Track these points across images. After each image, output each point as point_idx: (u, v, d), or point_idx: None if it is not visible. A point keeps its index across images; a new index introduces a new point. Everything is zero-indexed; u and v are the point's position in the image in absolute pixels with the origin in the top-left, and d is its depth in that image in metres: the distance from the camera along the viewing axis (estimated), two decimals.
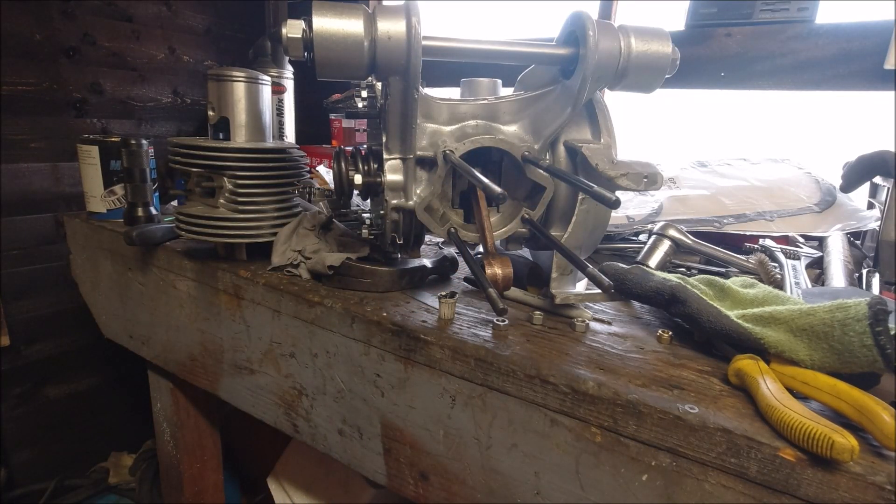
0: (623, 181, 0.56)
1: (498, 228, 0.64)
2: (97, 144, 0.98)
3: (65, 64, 1.49)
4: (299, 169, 0.80)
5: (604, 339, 0.58)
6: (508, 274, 0.57)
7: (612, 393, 0.46)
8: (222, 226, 0.75)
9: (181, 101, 1.79)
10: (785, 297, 0.56)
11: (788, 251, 0.81)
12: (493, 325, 0.60)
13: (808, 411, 0.40)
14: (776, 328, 0.48)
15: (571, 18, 0.59)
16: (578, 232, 0.63)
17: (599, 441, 0.48)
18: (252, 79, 0.75)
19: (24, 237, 1.48)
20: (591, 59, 0.55)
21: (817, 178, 1.03)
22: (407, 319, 0.60)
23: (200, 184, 0.76)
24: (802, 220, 0.94)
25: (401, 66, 0.54)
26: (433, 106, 0.63)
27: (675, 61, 0.59)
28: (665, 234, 0.80)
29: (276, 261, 0.74)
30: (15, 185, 1.43)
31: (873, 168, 0.78)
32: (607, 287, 0.51)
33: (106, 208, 1.02)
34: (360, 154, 0.65)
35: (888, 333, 0.41)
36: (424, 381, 0.58)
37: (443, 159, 0.60)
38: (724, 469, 0.42)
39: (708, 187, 1.04)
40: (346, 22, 0.52)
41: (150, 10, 1.65)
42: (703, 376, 0.50)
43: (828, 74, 1.06)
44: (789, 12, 1.07)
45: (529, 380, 0.50)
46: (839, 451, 0.35)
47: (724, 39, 1.15)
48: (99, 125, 1.59)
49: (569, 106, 0.59)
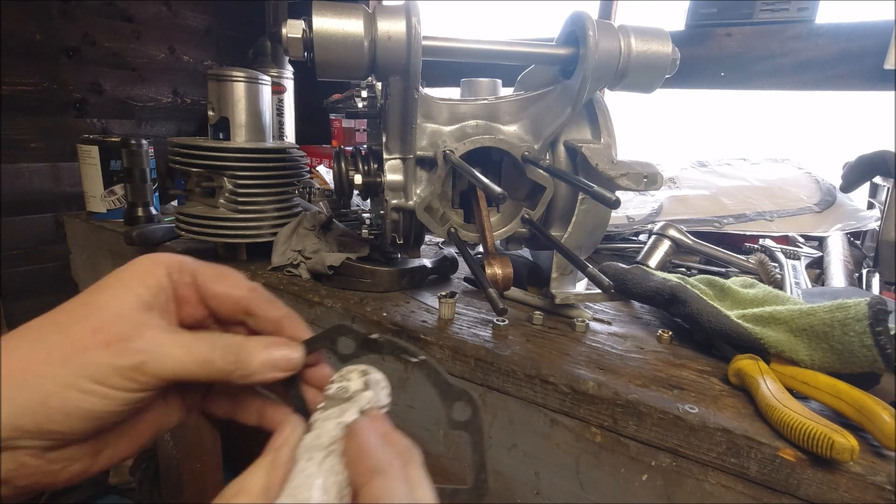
0: (623, 181, 0.56)
1: (498, 228, 0.64)
2: (97, 144, 0.98)
3: (65, 64, 1.49)
4: (299, 169, 0.80)
5: (604, 339, 0.58)
6: (508, 274, 0.57)
7: (612, 393, 0.46)
8: (222, 226, 0.75)
9: (181, 101, 1.79)
10: (785, 297, 0.56)
11: (788, 251, 0.81)
12: (493, 325, 0.60)
13: (808, 411, 0.39)
14: (776, 328, 0.48)
15: (571, 18, 0.59)
16: (578, 232, 0.63)
17: (599, 441, 0.48)
18: (252, 79, 0.75)
19: (24, 237, 1.48)
20: (591, 59, 0.55)
21: (817, 178, 1.03)
22: (407, 319, 0.60)
23: (200, 184, 0.76)
24: (802, 220, 0.94)
25: (401, 66, 0.54)
26: (433, 106, 0.63)
27: (675, 61, 0.59)
28: (665, 234, 0.80)
29: (276, 261, 0.74)
30: (15, 185, 1.43)
31: (873, 168, 0.78)
32: (607, 287, 0.51)
33: (106, 208, 1.02)
34: (360, 154, 0.65)
35: (888, 333, 0.41)
36: (424, 381, 0.58)
37: (443, 159, 0.60)
38: (724, 469, 0.42)
39: (708, 187, 1.04)
40: (346, 22, 0.52)
41: (150, 10, 1.65)
42: (703, 376, 0.50)
43: (828, 74, 1.06)
44: (789, 12, 1.07)
45: (529, 380, 0.50)
46: (839, 451, 0.35)
47: (724, 39, 1.15)
48: (99, 125, 1.59)
49: (569, 106, 0.59)
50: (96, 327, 0.26)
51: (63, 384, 0.25)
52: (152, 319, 0.28)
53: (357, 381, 0.29)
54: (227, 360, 0.28)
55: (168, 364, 0.27)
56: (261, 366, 0.29)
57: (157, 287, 0.29)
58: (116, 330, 0.26)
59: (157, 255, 0.31)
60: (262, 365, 0.29)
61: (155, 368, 0.27)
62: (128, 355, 0.26)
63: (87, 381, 0.25)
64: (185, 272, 0.31)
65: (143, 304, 0.28)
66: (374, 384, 0.30)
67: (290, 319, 0.32)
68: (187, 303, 0.31)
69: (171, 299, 0.30)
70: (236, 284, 0.32)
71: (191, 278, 0.31)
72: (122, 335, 0.26)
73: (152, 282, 0.29)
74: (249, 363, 0.29)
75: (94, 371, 0.25)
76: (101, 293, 0.28)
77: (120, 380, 0.26)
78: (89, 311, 0.27)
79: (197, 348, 0.28)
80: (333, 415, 0.27)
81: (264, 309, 0.32)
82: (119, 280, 0.29)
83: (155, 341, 0.27)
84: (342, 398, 0.28)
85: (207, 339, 0.29)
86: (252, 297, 0.32)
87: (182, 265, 0.31)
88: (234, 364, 0.29)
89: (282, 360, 0.30)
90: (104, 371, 0.25)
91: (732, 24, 1.14)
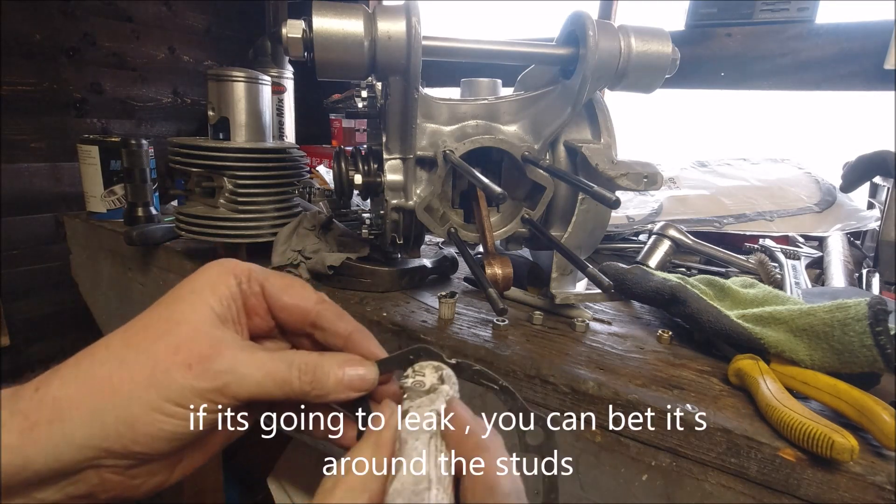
0: (623, 181, 0.56)
1: (498, 228, 0.64)
2: (97, 144, 0.98)
3: (65, 64, 1.49)
4: (299, 169, 0.80)
5: (604, 339, 0.58)
6: (508, 274, 0.57)
7: (612, 393, 0.46)
8: (222, 226, 0.75)
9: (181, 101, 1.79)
10: (785, 297, 0.56)
11: (788, 251, 0.81)
12: (493, 325, 0.60)
13: (808, 411, 0.39)
14: (776, 328, 0.48)
15: (571, 18, 0.59)
16: (578, 232, 0.63)
17: (599, 441, 0.48)
18: (252, 79, 0.75)
19: (24, 237, 1.48)
20: (591, 59, 0.55)
21: (817, 178, 1.03)
22: (407, 319, 0.60)
23: (200, 184, 0.76)
24: (802, 220, 0.94)
25: (401, 66, 0.54)
26: (433, 106, 0.63)
27: (675, 61, 0.59)
28: (665, 234, 0.80)
29: (276, 261, 0.74)
30: (15, 185, 1.43)
31: (873, 168, 0.78)
32: (607, 287, 0.51)
33: (106, 208, 1.02)
34: (360, 154, 0.65)
35: (888, 333, 0.41)
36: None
37: (443, 159, 0.60)
38: (724, 469, 0.42)
39: (708, 187, 1.04)
40: (346, 22, 0.52)
41: (150, 10, 1.65)
42: (703, 376, 0.50)
43: (828, 74, 1.06)
44: (789, 12, 1.07)
45: (529, 380, 0.50)
46: (839, 451, 0.35)
47: (724, 39, 1.15)
48: (99, 125, 1.59)
49: (569, 106, 0.59)
50: (176, 346, 0.26)
51: (149, 407, 0.25)
52: (228, 335, 0.28)
53: (431, 375, 0.31)
54: (304, 381, 0.29)
55: (249, 386, 0.27)
56: (336, 385, 0.29)
57: (230, 298, 0.29)
58: (197, 349, 0.27)
59: (227, 262, 0.31)
60: (337, 384, 0.29)
61: (236, 390, 0.27)
62: (210, 377, 0.26)
63: (171, 404, 0.26)
64: (254, 281, 0.31)
65: (217, 317, 0.28)
66: (447, 379, 0.31)
67: (360, 334, 0.32)
68: (256, 314, 0.31)
69: (242, 310, 0.30)
70: (305, 296, 0.32)
71: (259, 288, 0.31)
72: (202, 355, 0.26)
73: (225, 292, 0.29)
74: (325, 383, 0.29)
75: (178, 395, 0.26)
76: (177, 305, 0.28)
77: (202, 402, 0.26)
78: (168, 326, 0.27)
79: (275, 368, 0.28)
80: (425, 403, 0.29)
81: (333, 323, 0.31)
82: (193, 291, 0.29)
83: (235, 361, 0.27)
84: (421, 391, 0.30)
85: (285, 358, 0.29)
86: (320, 310, 0.31)
87: (251, 274, 0.31)
88: (310, 384, 0.29)
89: (357, 379, 0.30)
90: (187, 394, 0.26)
91: (732, 24, 1.14)
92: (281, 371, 0.28)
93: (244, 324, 0.31)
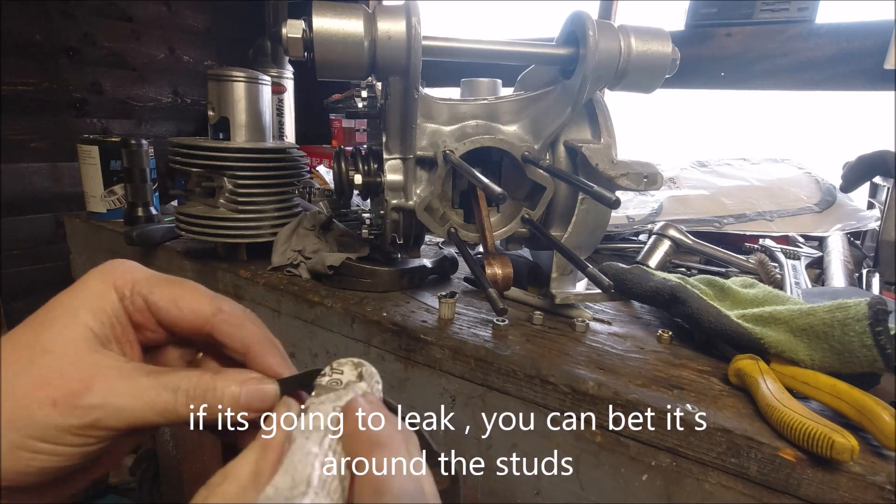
0: (623, 181, 0.56)
1: (498, 228, 0.64)
2: (97, 144, 0.98)
3: (65, 64, 1.49)
4: (299, 169, 0.80)
5: (604, 339, 0.58)
6: (508, 274, 0.57)
7: (612, 393, 0.46)
8: (222, 226, 0.75)
9: (181, 101, 1.79)
10: (785, 297, 0.56)
11: (788, 251, 0.81)
12: (493, 325, 0.60)
13: (808, 411, 0.39)
14: (776, 328, 0.48)
15: (571, 18, 0.59)
16: (578, 232, 0.63)
17: (599, 441, 0.48)
18: (252, 79, 0.75)
19: (24, 237, 1.48)
20: (591, 59, 0.55)
21: (817, 178, 1.03)
22: (407, 319, 0.60)
23: (200, 184, 0.76)
24: (802, 220, 0.94)
25: (401, 66, 0.54)
26: (433, 106, 0.63)
27: (675, 61, 0.59)
28: (665, 234, 0.80)
29: (276, 261, 0.74)
30: (15, 185, 1.43)
31: (873, 168, 0.78)
32: (607, 287, 0.51)
33: (106, 208, 1.02)
34: (360, 154, 0.65)
35: (888, 333, 0.41)
36: (424, 380, 0.58)
37: (443, 159, 0.60)
38: (724, 469, 0.42)
39: (708, 187, 1.04)
40: (346, 22, 0.52)
41: (150, 10, 1.65)
42: (703, 376, 0.50)
43: (828, 74, 1.06)
44: (789, 12, 1.07)
45: (529, 380, 0.50)
46: (839, 451, 0.35)
47: (724, 39, 1.15)
48: (99, 125, 1.59)
49: (569, 106, 0.59)
50: (41, 379, 0.24)
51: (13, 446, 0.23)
52: (106, 360, 0.26)
53: (350, 372, 0.29)
54: (195, 407, 0.26)
55: (125, 418, 0.25)
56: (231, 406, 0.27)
57: (111, 315, 0.27)
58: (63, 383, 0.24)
59: (110, 271, 0.28)
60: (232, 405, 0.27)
61: (111, 423, 0.25)
62: (78, 414, 0.24)
63: (37, 441, 0.24)
64: (137, 295, 0.28)
65: (96, 337, 0.26)
66: (367, 376, 0.29)
67: (262, 347, 0.29)
68: (146, 328, 0.28)
69: (128, 326, 0.28)
70: (197, 308, 0.28)
71: (143, 302, 0.28)
72: (69, 391, 0.24)
73: (105, 309, 0.27)
74: (215, 408, 0.26)
75: (42, 432, 0.24)
76: (47, 330, 0.25)
77: (73, 437, 0.24)
78: (33, 355, 0.25)
79: (156, 397, 0.25)
80: (330, 399, 0.27)
81: (230, 336, 0.29)
82: (68, 309, 0.26)
83: (109, 393, 0.25)
84: (335, 389, 0.28)
85: (170, 384, 0.26)
86: (215, 323, 0.28)
87: (134, 285, 0.28)
88: (201, 410, 0.26)
89: (254, 400, 0.27)
90: (52, 432, 0.24)
91: (732, 24, 1.14)
92: (162, 399, 0.26)
93: (133, 340, 0.28)
